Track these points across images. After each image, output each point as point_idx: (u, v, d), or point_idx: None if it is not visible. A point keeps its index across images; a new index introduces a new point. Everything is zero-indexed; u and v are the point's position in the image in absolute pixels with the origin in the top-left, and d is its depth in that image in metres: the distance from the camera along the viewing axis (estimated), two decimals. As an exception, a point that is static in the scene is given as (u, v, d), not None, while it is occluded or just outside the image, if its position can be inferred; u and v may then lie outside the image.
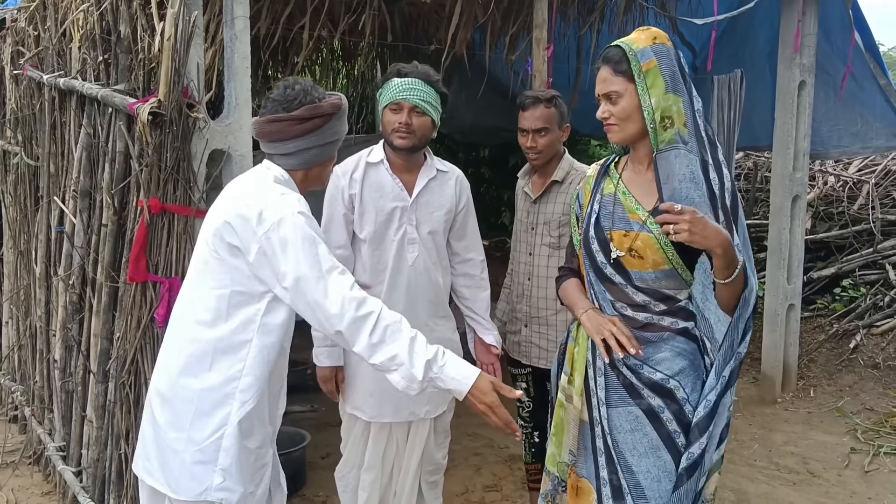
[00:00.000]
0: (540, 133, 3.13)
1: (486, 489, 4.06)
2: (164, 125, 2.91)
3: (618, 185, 2.27)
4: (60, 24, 3.79)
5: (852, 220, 6.86)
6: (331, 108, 2.17)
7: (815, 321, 6.26)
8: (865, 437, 4.74)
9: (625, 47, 2.17)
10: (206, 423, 2.08)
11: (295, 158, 2.20)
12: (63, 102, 3.81)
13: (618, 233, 2.21)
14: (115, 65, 3.27)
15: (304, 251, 2.01)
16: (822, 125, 5.61)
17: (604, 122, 2.24)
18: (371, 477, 2.92)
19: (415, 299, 2.85)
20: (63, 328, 3.73)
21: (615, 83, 2.18)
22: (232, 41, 3.11)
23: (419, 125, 2.75)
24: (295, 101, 2.14)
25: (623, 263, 2.20)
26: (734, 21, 5.17)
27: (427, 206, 2.85)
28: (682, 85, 2.17)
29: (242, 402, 2.09)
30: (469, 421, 3.03)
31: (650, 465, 2.19)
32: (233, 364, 2.09)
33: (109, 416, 3.28)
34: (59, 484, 3.81)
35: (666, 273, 2.18)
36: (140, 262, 3.01)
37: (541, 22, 4.17)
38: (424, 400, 2.87)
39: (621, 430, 2.22)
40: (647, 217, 2.17)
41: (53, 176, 3.96)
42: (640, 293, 2.21)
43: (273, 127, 2.16)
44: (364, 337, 2.00)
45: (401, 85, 2.73)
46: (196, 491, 2.09)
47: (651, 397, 2.19)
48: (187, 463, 2.09)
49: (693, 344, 2.21)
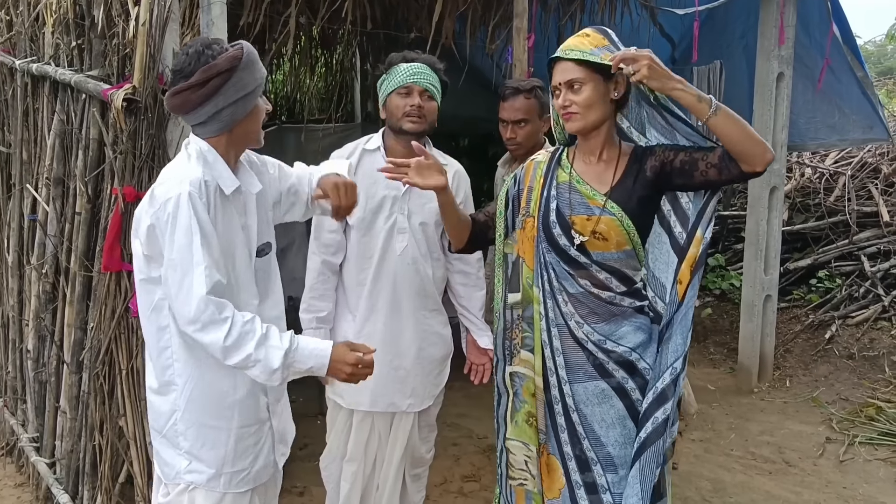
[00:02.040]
0: (519, 124, 3.12)
1: (465, 479, 4.06)
2: (139, 112, 2.87)
3: (571, 174, 2.34)
4: (33, 8, 3.73)
5: (828, 212, 6.92)
6: (227, 63, 2.01)
7: (792, 312, 6.32)
8: (840, 426, 4.79)
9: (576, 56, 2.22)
10: (160, 412, 2.16)
11: (210, 125, 2.07)
12: (36, 88, 3.75)
13: (580, 217, 2.29)
14: (88, 50, 3.22)
15: (179, 237, 1.96)
16: (800, 117, 5.64)
17: (564, 111, 2.27)
18: (353, 468, 2.91)
19: (400, 290, 2.82)
20: (36, 318, 3.68)
21: (577, 72, 2.22)
22: (209, 27, 3.07)
23: (429, 109, 2.74)
24: (190, 67, 2.02)
25: (586, 247, 2.28)
26: (711, 13, 5.19)
27: (420, 196, 2.80)
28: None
29: (182, 385, 2.11)
30: (448, 411, 3.03)
31: (617, 434, 2.30)
32: (161, 352, 2.11)
33: (83, 406, 3.24)
34: (32, 475, 3.77)
35: (627, 253, 2.29)
36: (114, 251, 2.97)
37: (521, 11, 4.15)
38: (407, 392, 2.86)
39: (589, 403, 2.31)
40: (606, 201, 2.26)
41: (26, 163, 3.90)
42: (603, 271, 2.30)
43: (177, 100, 2.04)
44: (219, 340, 1.95)
45: (410, 69, 2.72)
46: (170, 475, 2.17)
47: (616, 370, 2.30)
48: (161, 451, 2.19)
49: (647, 319, 2.33)
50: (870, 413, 4.87)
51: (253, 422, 2.19)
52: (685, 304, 2.24)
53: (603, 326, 2.29)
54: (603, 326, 2.29)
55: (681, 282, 2.24)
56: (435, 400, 2.97)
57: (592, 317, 2.30)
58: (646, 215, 2.29)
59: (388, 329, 2.83)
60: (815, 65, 5.35)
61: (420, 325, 2.87)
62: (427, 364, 2.89)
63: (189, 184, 1.98)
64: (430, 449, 3.07)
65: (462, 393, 4.84)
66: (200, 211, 1.98)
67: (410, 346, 2.85)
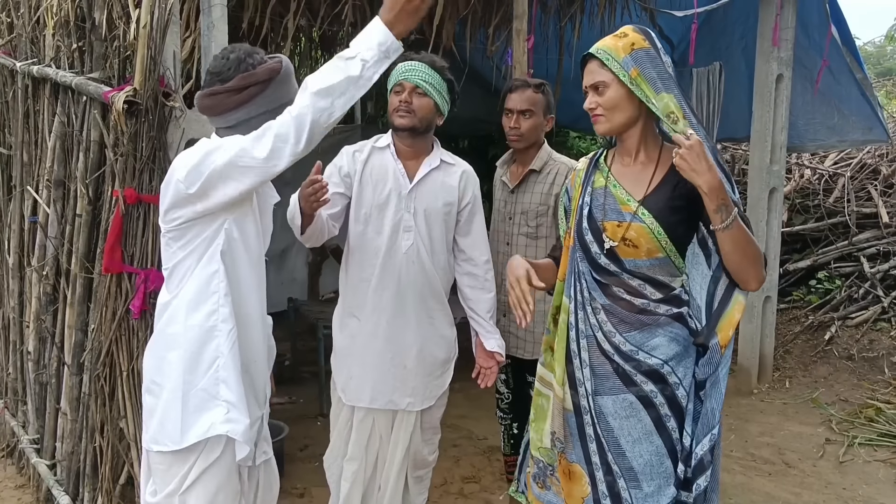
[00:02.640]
0: (524, 115, 3.12)
1: (465, 480, 4.06)
2: (140, 114, 2.87)
3: (608, 178, 2.29)
4: (34, 10, 3.74)
5: (828, 213, 6.93)
6: (266, 74, 2.09)
7: (791, 313, 6.32)
8: (840, 427, 4.80)
9: (605, 60, 2.18)
10: (197, 363, 2.12)
11: (238, 130, 2.12)
12: (36, 90, 3.75)
13: (611, 223, 2.23)
14: (89, 52, 3.22)
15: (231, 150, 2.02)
16: (799, 118, 5.65)
17: (591, 113, 2.25)
18: (354, 468, 2.91)
19: (405, 287, 2.82)
20: (37, 319, 3.69)
21: (602, 74, 2.19)
22: (209, 29, 3.08)
23: (419, 105, 2.74)
24: (229, 72, 2.08)
25: (617, 253, 2.23)
26: (710, 15, 5.20)
27: (426, 194, 2.82)
28: (670, 80, 2.18)
29: (228, 331, 2.11)
30: (448, 412, 3.03)
31: (643, 450, 2.22)
32: (209, 297, 2.11)
33: (84, 408, 3.24)
34: (32, 477, 3.77)
35: (660, 260, 2.21)
36: (115, 252, 2.97)
37: (521, 13, 4.17)
38: (408, 391, 2.86)
39: (616, 416, 2.24)
40: (638, 207, 2.19)
41: (27, 165, 3.90)
42: (636, 279, 2.23)
43: (210, 101, 2.11)
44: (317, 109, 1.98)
45: (403, 67, 2.75)
46: (202, 430, 2.10)
47: (644, 383, 2.22)
48: (189, 409, 2.10)
49: (686, 329, 2.24)
50: (869, 414, 4.88)
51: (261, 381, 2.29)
52: (725, 358, 2.20)
53: (635, 335, 2.22)
54: (635, 335, 2.22)
55: (721, 336, 2.19)
56: (437, 401, 2.96)
57: (623, 326, 2.23)
58: (681, 224, 2.19)
59: (391, 326, 2.83)
60: (814, 66, 5.36)
61: (423, 323, 2.86)
62: (429, 364, 2.89)
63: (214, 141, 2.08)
64: (434, 451, 3.05)
65: (462, 394, 4.84)
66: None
67: (413, 345, 2.85)
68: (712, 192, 2.03)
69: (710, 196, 2.04)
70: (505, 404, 3.39)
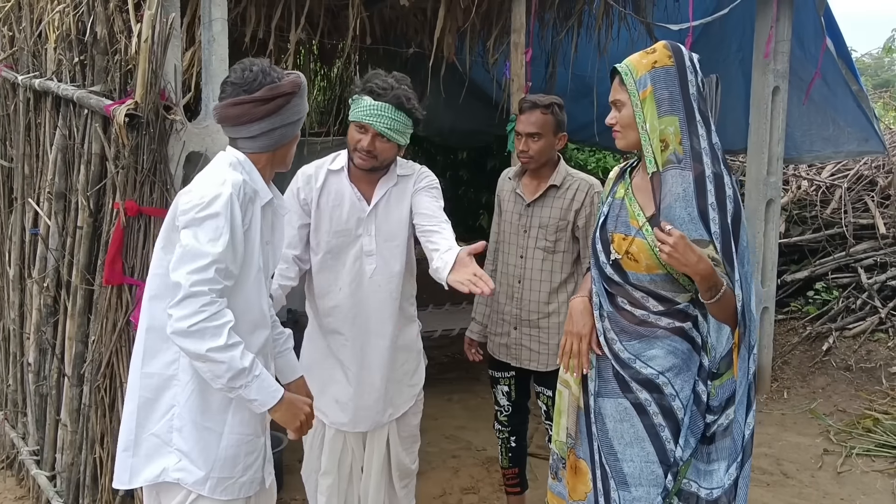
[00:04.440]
0: (533, 138, 3.13)
1: (464, 491, 4.06)
2: (141, 127, 2.90)
3: (627, 190, 2.34)
4: (36, 24, 3.76)
5: (825, 224, 6.95)
6: (291, 87, 2.13)
7: (789, 324, 6.34)
8: (838, 438, 4.80)
9: (624, 75, 2.25)
10: (154, 408, 2.16)
11: (260, 141, 2.16)
12: (38, 103, 3.77)
13: (618, 235, 2.30)
14: (91, 66, 3.25)
15: (208, 229, 2.02)
16: (796, 130, 5.67)
17: (612, 128, 2.33)
18: (328, 482, 2.92)
19: (372, 313, 2.79)
20: (37, 331, 3.70)
21: (620, 92, 2.28)
22: (209, 43, 3.11)
23: (382, 149, 2.65)
24: (255, 83, 2.10)
25: (621, 264, 2.29)
26: (707, 27, 5.23)
27: (386, 215, 2.76)
28: (680, 103, 2.23)
29: (186, 381, 2.13)
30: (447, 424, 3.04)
31: (633, 454, 2.29)
32: (171, 345, 2.10)
33: (84, 419, 3.25)
34: (32, 489, 3.77)
35: (661, 276, 2.25)
36: (116, 264, 2.99)
37: (519, 26, 4.20)
38: (388, 407, 2.88)
39: (611, 419, 2.32)
40: (644, 223, 2.24)
41: (28, 177, 3.92)
42: (638, 290, 2.28)
43: (236, 111, 2.12)
44: (196, 316, 1.98)
45: (370, 108, 2.61)
46: (154, 474, 2.15)
47: (640, 391, 2.27)
48: (141, 451, 2.16)
49: (687, 344, 2.27)
50: (867, 425, 4.88)
51: (248, 432, 2.21)
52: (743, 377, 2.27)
53: (634, 345, 2.28)
54: (634, 345, 2.28)
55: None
56: (412, 409, 2.95)
57: (623, 335, 2.29)
58: None
59: (364, 353, 2.82)
60: (810, 78, 5.39)
61: (394, 344, 2.84)
62: (400, 375, 2.90)
63: (231, 185, 2.07)
64: (415, 460, 3.06)
65: (461, 405, 4.85)
66: (236, 215, 2.07)
67: (383, 366, 2.83)
68: (703, 280, 2.13)
69: (701, 283, 2.14)
70: (504, 416, 3.40)
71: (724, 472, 2.27)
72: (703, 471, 2.29)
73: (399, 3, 4.33)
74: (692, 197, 2.19)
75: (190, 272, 1.98)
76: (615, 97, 2.29)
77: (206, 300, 1.99)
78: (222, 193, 2.04)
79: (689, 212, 2.19)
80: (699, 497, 2.29)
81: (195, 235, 2.02)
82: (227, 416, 2.17)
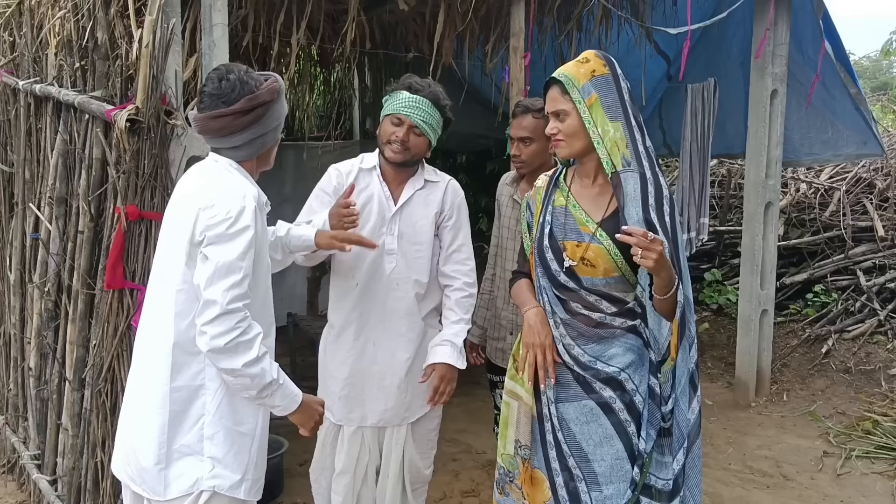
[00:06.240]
0: (525, 142, 3.14)
1: (464, 494, 4.07)
2: (142, 132, 2.91)
3: (568, 197, 2.38)
4: (37, 30, 3.78)
5: (824, 227, 6.97)
6: (269, 95, 2.13)
7: (788, 326, 6.35)
8: (837, 440, 4.81)
9: (567, 84, 2.28)
10: (181, 419, 2.14)
11: (243, 150, 2.18)
12: (39, 109, 3.79)
13: (570, 243, 2.33)
14: (92, 71, 3.26)
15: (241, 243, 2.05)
16: (794, 133, 5.69)
17: (552, 138, 2.35)
18: (345, 481, 2.92)
19: (391, 310, 2.83)
20: (38, 336, 3.70)
21: (562, 102, 2.30)
22: (210, 49, 3.12)
23: (415, 144, 2.74)
24: (233, 94, 2.09)
25: (576, 271, 2.33)
26: (707, 30, 5.24)
27: (410, 216, 2.82)
28: (620, 109, 2.29)
29: (215, 389, 2.14)
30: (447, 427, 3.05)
31: (604, 453, 2.33)
32: (196, 355, 2.12)
33: (85, 424, 3.26)
34: (33, 493, 3.77)
35: (616, 279, 2.32)
36: (117, 269, 3.00)
37: (518, 30, 4.21)
38: (402, 408, 2.88)
39: (577, 422, 2.35)
40: (597, 229, 2.30)
41: (29, 182, 3.93)
42: (592, 295, 2.34)
43: (216, 123, 2.11)
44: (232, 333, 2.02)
45: (408, 100, 2.72)
46: (188, 483, 2.13)
47: (603, 389, 2.33)
48: (173, 462, 2.13)
49: (640, 340, 2.36)
50: (866, 427, 4.89)
51: (268, 432, 2.28)
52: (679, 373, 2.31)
53: (593, 347, 2.33)
54: (593, 347, 2.33)
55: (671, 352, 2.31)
56: (431, 412, 2.97)
57: (581, 339, 2.34)
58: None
59: (378, 350, 2.85)
60: (808, 82, 5.41)
61: (413, 343, 2.87)
62: (418, 377, 2.90)
63: (252, 197, 2.11)
64: (430, 465, 3.06)
65: (462, 408, 4.86)
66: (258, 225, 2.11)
67: (402, 366, 2.87)
68: (668, 277, 2.18)
69: (664, 280, 2.18)
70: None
71: (673, 460, 2.32)
72: (660, 462, 2.35)
73: (399, 7, 4.34)
74: (640, 198, 2.26)
75: (227, 289, 2.00)
76: (557, 107, 2.31)
77: (241, 316, 2.02)
78: (247, 207, 2.07)
79: (637, 211, 2.25)
80: (658, 490, 2.33)
81: (228, 251, 2.03)
82: (258, 420, 2.22)
